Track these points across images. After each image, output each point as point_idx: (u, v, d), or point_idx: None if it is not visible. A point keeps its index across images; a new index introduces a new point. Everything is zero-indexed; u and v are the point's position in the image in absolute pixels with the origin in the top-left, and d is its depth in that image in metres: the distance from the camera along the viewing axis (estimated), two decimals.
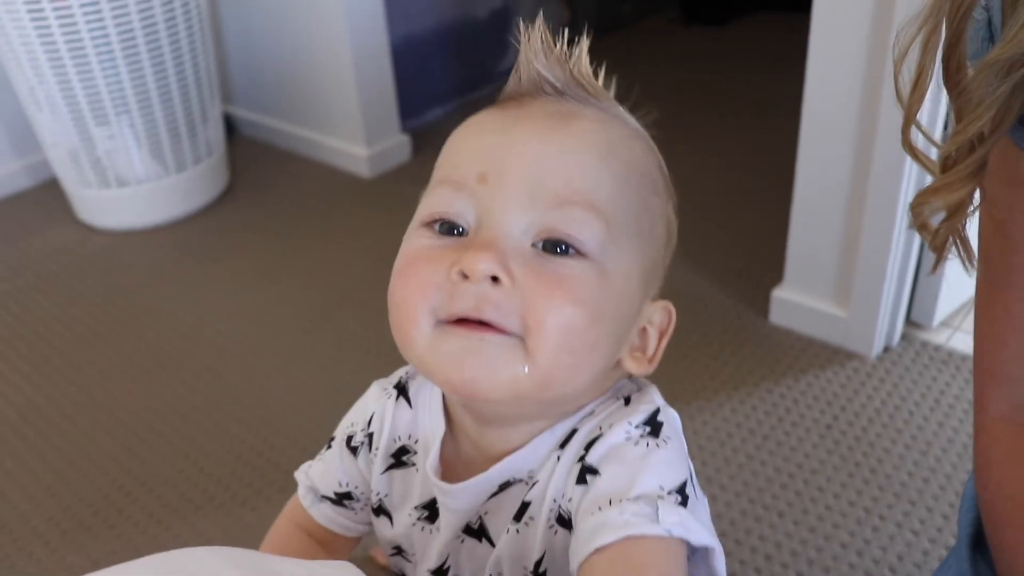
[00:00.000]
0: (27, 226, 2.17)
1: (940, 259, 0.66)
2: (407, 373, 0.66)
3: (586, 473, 0.54)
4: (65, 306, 1.84)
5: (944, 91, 0.57)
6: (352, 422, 0.67)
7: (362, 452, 0.66)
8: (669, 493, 0.52)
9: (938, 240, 0.65)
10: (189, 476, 1.40)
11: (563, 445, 0.57)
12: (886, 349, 1.55)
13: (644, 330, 0.59)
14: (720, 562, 0.54)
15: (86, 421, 1.51)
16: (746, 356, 1.55)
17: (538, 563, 0.57)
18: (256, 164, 2.39)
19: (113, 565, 0.43)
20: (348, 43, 2.12)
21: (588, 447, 0.55)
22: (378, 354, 1.62)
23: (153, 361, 1.66)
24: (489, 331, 0.50)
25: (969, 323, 1.58)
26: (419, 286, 0.52)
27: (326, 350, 1.66)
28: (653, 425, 0.55)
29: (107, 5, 1.79)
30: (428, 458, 0.60)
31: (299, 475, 0.71)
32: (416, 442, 0.63)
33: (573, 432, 0.57)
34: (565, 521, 0.56)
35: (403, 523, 0.64)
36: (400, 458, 0.64)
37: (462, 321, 0.51)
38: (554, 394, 0.53)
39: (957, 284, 1.55)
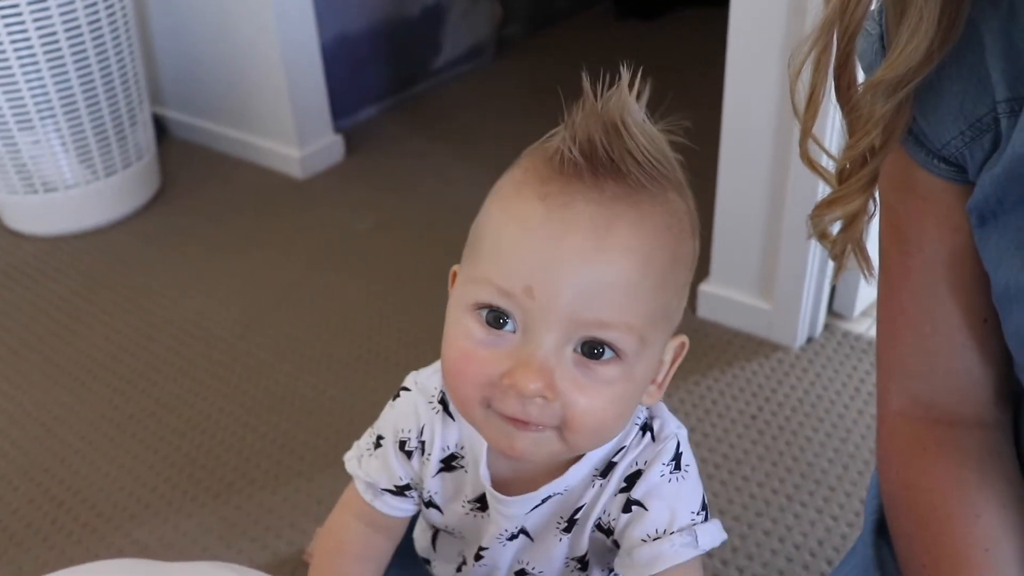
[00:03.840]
0: None
1: (840, 268, 0.69)
2: (443, 387, 0.71)
3: (631, 505, 0.67)
4: None
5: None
6: (402, 428, 0.73)
7: (415, 456, 0.72)
8: (698, 514, 0.67)
9: (837, 249, 0.68)
10: (123, 486, 1.39)
11: (604, 475, 0.69)
12: (809, 340, 1.60)
13: (660, 362, 0.65)
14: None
15: (16, 431, 1.50)
16: None
17: (582, 557, 0.73)
18: (188, 166, 2.37)
19: None
20: (278, 43, 2.12)
21: (630, 481, 0.68)
22: (311, 356, 1.63)
23: (84, 370, 1.64)
24: (528, 426, 0.59)
25: None
26: (475, 384, 0.59)
27: (260, 354, 1.66)
28: (677, 461, 0.68)
29: (27, 8, 1.77)
30: (479, 468, 0.69)
31: (354, 470, 0.76)
32: (462, 448, 0.71)
33: (611, 464, 0.69)
34: (604, 529, 0.70)
35: (456, 513, 0.73)
36: (450, 463, 0.71)
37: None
38: (587, 453, 0.67)
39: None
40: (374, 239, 2.01)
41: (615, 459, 0.68)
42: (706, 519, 0.68)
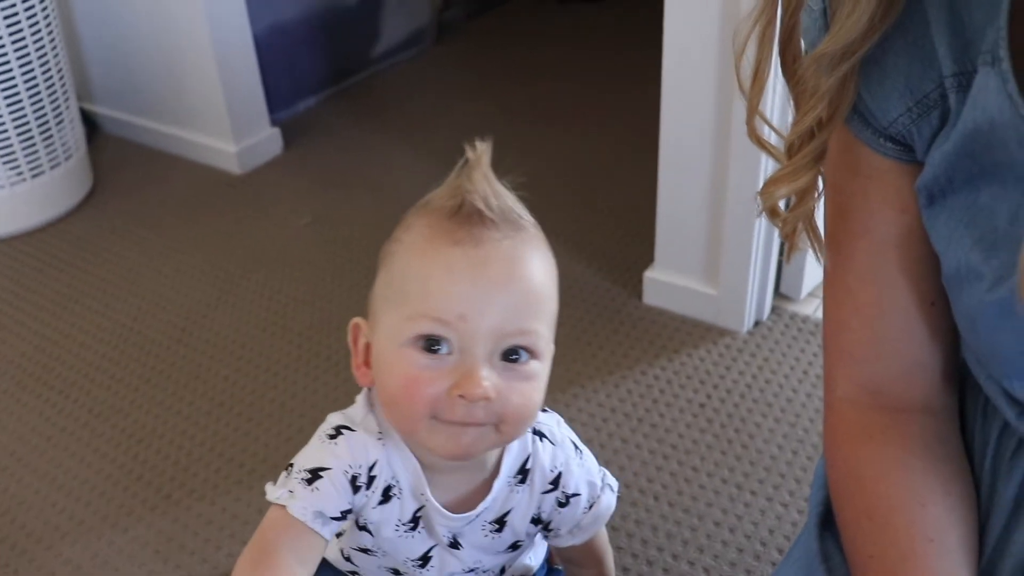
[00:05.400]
0: None
1: (792, 247, 0.68)
2: (378, 423, 0.78)
3: (569, 499, 0.83)
4: None
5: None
6: (352, 464, 0.77)
7: (363, 490, 0.78)
8: (599, 469, 0.86)
9: (787, 228, 0.67)
10: (55, 502, 1.34)
11: (522, 480, 0.82)
12: (757, 323, 1.58)
13: None
14: None
15: None
16: (621, 340, 1.57)
17: (515, 544, 0.86)
18: (121, 165, 2.29)
19: None
20: (209, 34, 2.05)
21: (555, 482, 0.82)
22: (250, 359, 1.58)
23: (13, 380, 1.58)
24: (472, 424, 0.70)
25: None
26: (425, 401, 0.69)
27: (198, 358, 1.61)
28: (576, 446, 0.85)
29: None
30: (423, 493, 0.79)
31: (295, 504, 0.76)
32: (396, 479, 0.79)
33: (525, 471, 0.82)
34: (538, 520, 0.84)
35: (387, 536, 0.82)
36: (388, 493, 0.80)
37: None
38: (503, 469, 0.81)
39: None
40: (314, 234, 1.96)
41: (528, 466, 0.82)
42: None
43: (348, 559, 0.90)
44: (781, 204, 0.69)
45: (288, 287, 1.78)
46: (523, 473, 0.82)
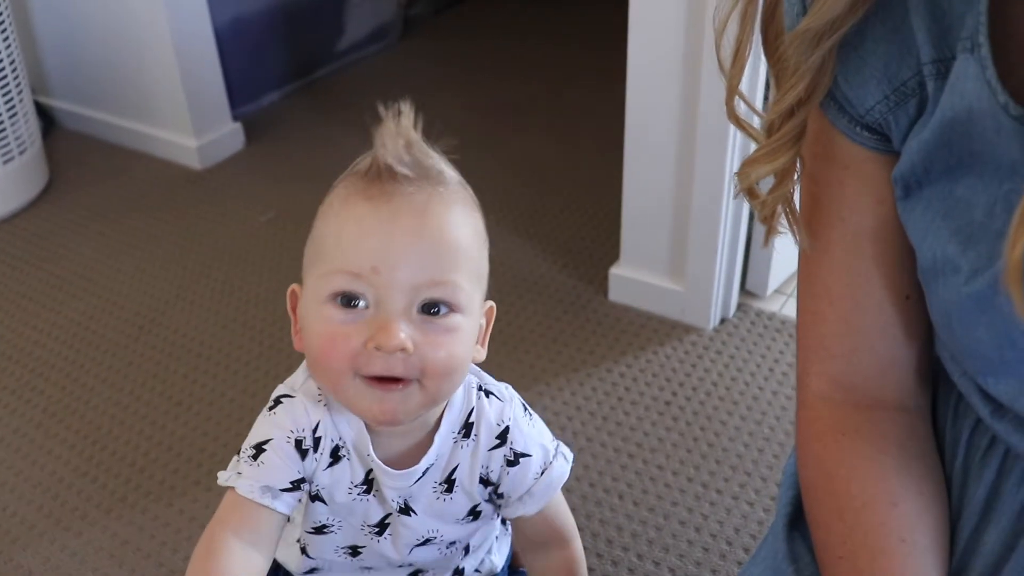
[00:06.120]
0: None
1: (770, 230, 0.67)
2: (319, 386, 0.78)
3: (519, 458, 0.81)
4: None
5: (763, 61, 0.57)
6: (295, 428, 0.77)
7: (309, 454, 0.77)
8: (552, 440, 0.85)
9: (767, 209, 0.65)
10: (5, 506, 1.30)
11: (466, 435, 0.80)
12: (722, 320, 1.58)
13: (479, 325, 0.77)
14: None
15: None
16: (586, 336, 1.55)
17: (474, 508, 0.84)
18: (79, 160, 2.25)
19: None
20: (168, 27, 2.01)
21: (502, 437, 0.81)
22: (209, 356, 1.55)
23: None
24: (397, 383, 0.70)
25: None
26: (343, 357, 0.69)
27: (156, 356, 1.57)
28: (525, 407, 0.84)
29: None
30: (368, 453, 0.78)
31: (242, 482, 0.75)
32: (342, 439, 0.79)
33: (469, 425, 0.81)
34: (487, 481, 0.82)
35: (341, 502, 0.81)
36: (336, 454, 0.79)
37: (376, 377, 0.70)
38: (442, 403, 0.78)
39: (789, 252, 1.58)
40: (276, 231, 1.92)
41: (471, 419, 0.81)
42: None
43: (306, 552, 0.87)
44: (760, 186, 0.68)
45: (248, 284, 1.75)
46: (467, 427, 0.81)
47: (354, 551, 0.85)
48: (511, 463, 0.82)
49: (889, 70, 0.55)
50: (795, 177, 0.63)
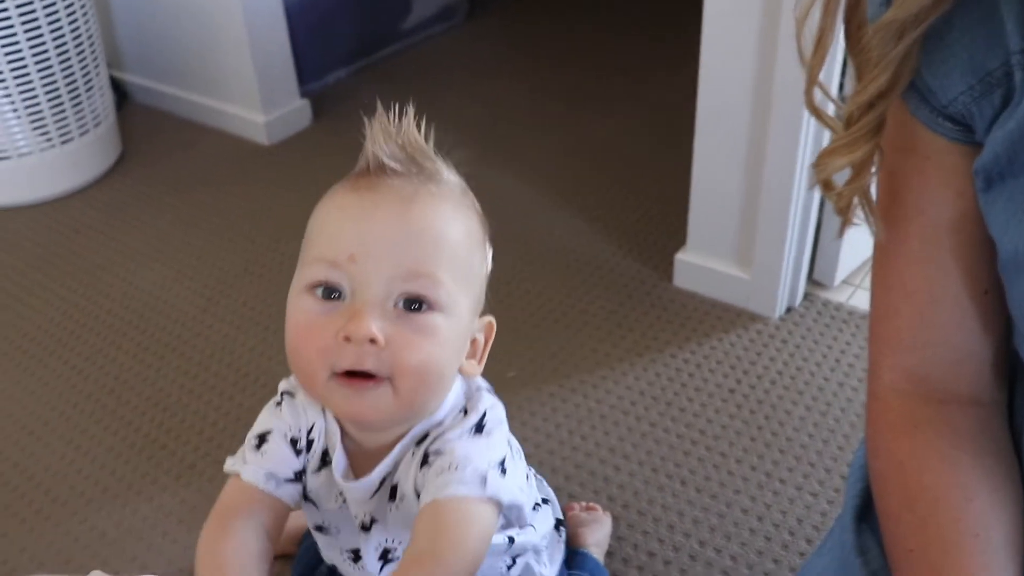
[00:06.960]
0: None
1: (846, 222, 0.66)
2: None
3: (428, 457, 0.73)
4: None
5: (840, 52, 0.57)
6: (292, 427, 0.78)
7: (303, 454, 0.78)
8: (493, 467, 0.71)
9: (843, 201, 0.64)
10: (80, 468, 1.34)
11: (419, 444, 0.75)
12: (789, 310, 1.56)
13: (474, 341, 0.76)
14: (526, 512, 0.82)
15: None
16: (651, 322, 1.55)
17: None
18: (150, 133, 2.29)
19: None
20: (240, 4, 2.03)
21: (423, 441, 0.75)
22: (276, 330, 1.57)
23: (40, 346, 1.58)
24: (368, 382, 0.67)
25: (869, 281, 1.60)
26: (315, 350, 0.68)
27: (224, 328, 1.60)
28: (479, 427, 0.74)
29: None
30: (335, 456, 0.76)
31: (247, 467, 0.76)
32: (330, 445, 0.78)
33: (426, 436, 0.75)
34: (418, 493, 0.74)
35: (329, 509, 0.80)
36: (324, 459, 0.78)
37: (350, 374, 0.67)
38: (418, 411, 0.74)
39: (858, 242, 1.57)
40: None
41: (429, 431, 0.75)
42: (503, 474, 0.72)
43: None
44: (835, 178, 0.67)
45: None
46: (424, 439, 0.75)
47: (356, 556, 0.84)
48: (423, 464, 0.73)
49: (975, 60, 0.54)
50: (872, 169, 0.63)
